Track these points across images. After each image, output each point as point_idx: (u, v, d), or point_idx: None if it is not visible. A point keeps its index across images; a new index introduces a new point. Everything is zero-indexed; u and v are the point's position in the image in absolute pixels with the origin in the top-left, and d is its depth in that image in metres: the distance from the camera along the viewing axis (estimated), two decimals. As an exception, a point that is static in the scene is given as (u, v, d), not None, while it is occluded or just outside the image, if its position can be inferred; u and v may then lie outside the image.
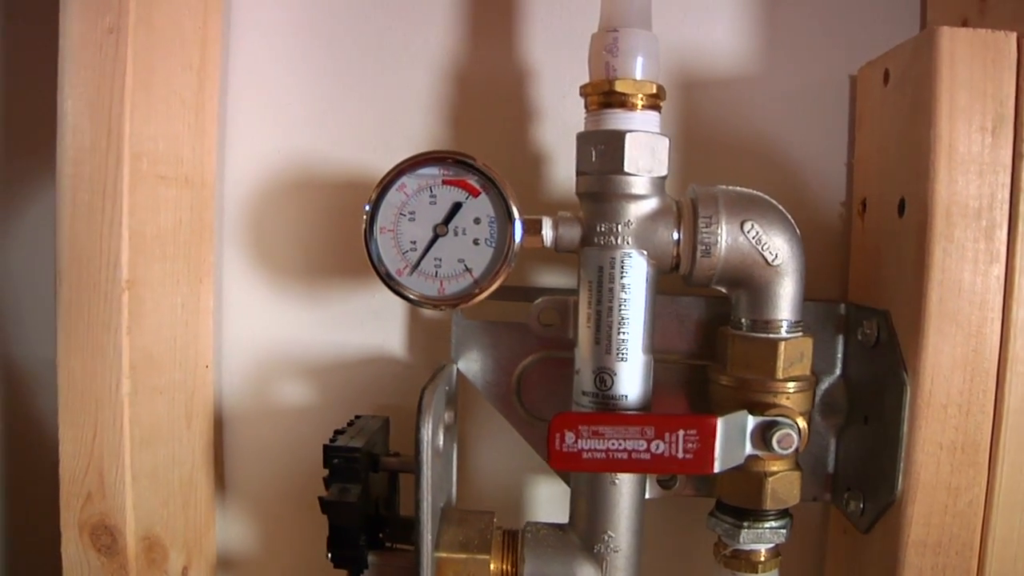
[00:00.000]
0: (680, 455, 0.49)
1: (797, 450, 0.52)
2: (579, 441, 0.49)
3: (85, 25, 0.55)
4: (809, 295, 0.55)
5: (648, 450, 0.49)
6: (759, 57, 0.65)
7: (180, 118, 0.62)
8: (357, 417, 0.62)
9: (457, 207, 0.53)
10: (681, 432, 0.49)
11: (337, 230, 0.67)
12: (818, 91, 0.65)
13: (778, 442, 0.51)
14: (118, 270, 0.56)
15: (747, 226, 0.52)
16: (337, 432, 0.58)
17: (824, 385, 0.60)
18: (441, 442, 0.55)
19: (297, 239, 0.68)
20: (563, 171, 0.65)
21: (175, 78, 0.61)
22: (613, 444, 0.49)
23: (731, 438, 0.51)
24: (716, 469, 0.50)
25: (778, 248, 0.53)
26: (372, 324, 0.68)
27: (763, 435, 0.52)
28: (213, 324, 0.69)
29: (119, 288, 0.56)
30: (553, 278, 0.66)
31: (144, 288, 0.58)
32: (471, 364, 0.62)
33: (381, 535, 0.59)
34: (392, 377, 0.68)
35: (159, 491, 0.62)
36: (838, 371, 0.61)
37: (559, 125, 0.65)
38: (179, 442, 0.65)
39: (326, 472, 0.55)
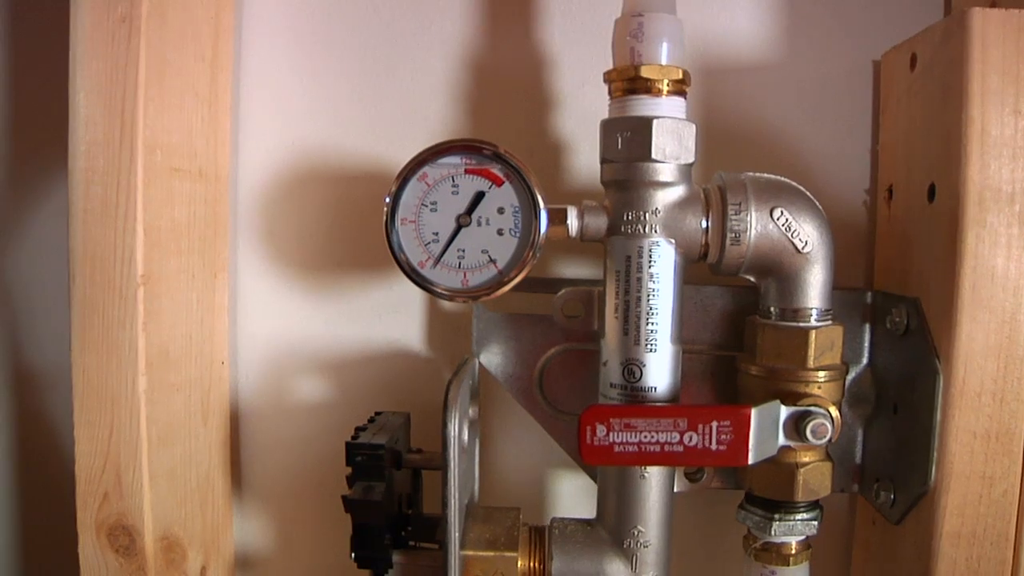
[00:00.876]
0: (714, 447, 0.48)
1: (831, 440, 0.51)
2: (611, 434, 0.48)
3: (97, 15, 0.54)
4: (833, 283, 0.54)
5: (681, 442, 0.48)
6: (781, 44, 0.64)
7: (194, 110, 0.61)
8: (378, 413, 0.61)
9: (480, 196, 0.52)
10: (715, 423, 0.48)
11: (353, 223, 0.66)
12: (841, 77, 0.64)
13: (812, 432, 0.50)
14: (133, 265, 0.55)
15: (776, 213, 0.51)
16: (359, 429, 0.57)
17: (851, 375, 0.59)
18: (466, 437, 0.54)
19: (312, 232, 0.67)
20: (583, 160, 0.64)
21: (188, 70, 0.60)
22: (646, 437, 0.48)
23: (764, 429, 0.50)
24: (750, 461, 0.49)
25: (808, 235, 0.52)
26: (390, 318, 0.67)
27: (796, 425, 0.51)
28: (228, 320, 0.68)
29: (134, 284, 0.55)
30: (575, 269, 0.65)
31: (159, 284, 0.57)
32: (493, 357, 0.61)
33: (404, 533, 0.58)
34: (411, 372, 0.67)
35: (177, 490, 0.61)
36: (865, 360, 0.60)
37: (579, 113, 0.64)
38: (196, 440, 0.64)
39: (349, 470, 0.54)
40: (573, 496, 0.67)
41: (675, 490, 0.56)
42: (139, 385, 0.56)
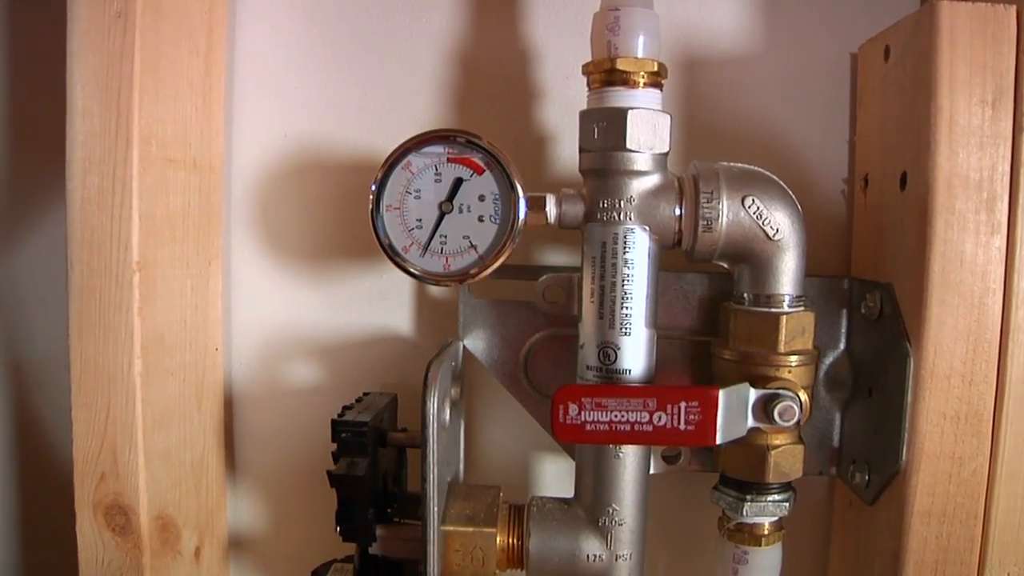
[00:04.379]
0: (682, 427, 0.50)
1: (799, 423, 0.52)
2: (582, 413, 0.50)
3: (93, 10, 0.56)
4: (813, 271, 0.56)
5: (650, 422, 0.50)
6: (760, 36, 0.65)
7: (188, 102, 0.63)
8: (365, 394, 0.63)
9: (459, 183, 0.53)
10: (683, 404, 0.50)
11: (344, 212, 0.68)
12: (819, 69, 0.65)
13: (780, 414, 0.52)
14: (129, 252, 0.57)
15: (748, 201, 0.53)
16: (345, 408, 0.58)
17: (828, 360, 0.61)
18: (447, 417, 0.55)
19: (304, 221, 0.69)
20: (567, 150, 0.65)
21: (182, 62, 0.61)
22: (616, 416, 0.50)
23: (733, 410, 0.51)
24: (718, 441, 0.50)
25: (779, 223, 0.53)
26: (380, 304, 0.68)
27: (765, 407, 0.52)
28: (222, 307, 0.70)
29: (130, 270, 0.57)
30: (558, 256, 0.66)
31: (154, 270, 0.59)
32: (478, 342, 0.62)
33: (389, 510, 0.59)
34: (400, 356, 0.69)
35: (171, 472, 0.63)
36: (842, 346, 0.61)
37: (563, 105, 0.65)
38: (191, 423, 0.65)
39: (335, 446, 0.55)
40: (556, 477, 0.69)
41: (652, 471, 0.58)
42: (135, 368, 0.58)
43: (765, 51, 0.65)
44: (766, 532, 0.56)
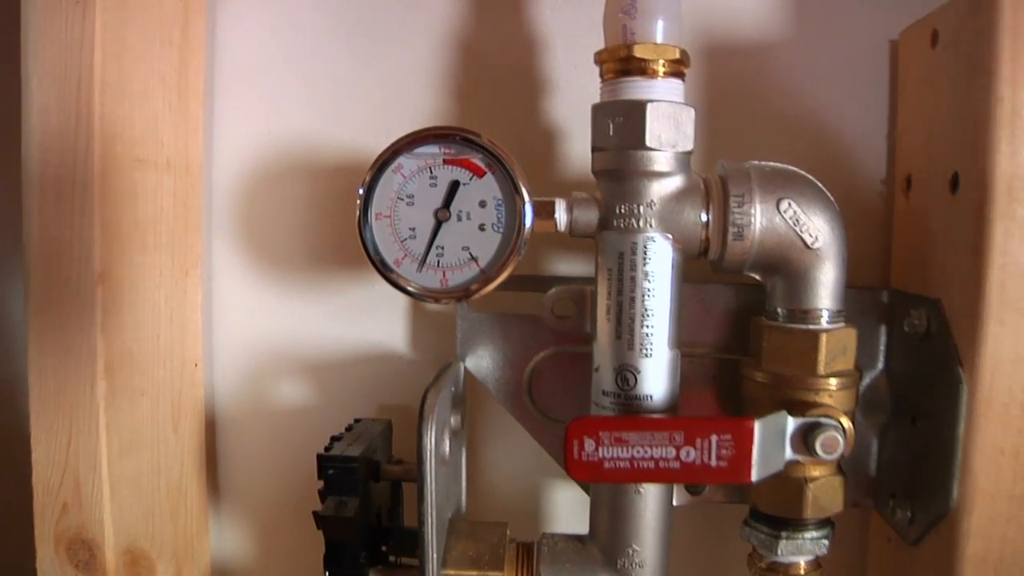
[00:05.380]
0: (713, 463, 0.44)
1: (842, 455, 0.46)
2: (600, 449, 0.44)
3: (50, -4, 0.50)
4: (846, 281, 0.50)
5: (677, 458, 0.44)
6: (790, 22, 0.59)
7: (160, 97, 0.57)
8: (357, 420, 0.57)
9: (455, 187, 0.47)
10: (714, 437, 0.44)
11: (334, 216, 0.62)
12: (854, 57, 0.59)
13: (822, 446, 0.46)
14: (90, 263, 0.51)
15: (783, 205, 0.47)
16: (334, 439, 0.53)
17: (865, 380, 0.55)
18: (447, 449, 0.50)
19: (292, 226, 0.63)
20: (578, 147, 0.59)
21: (152, 54, 0.56)
22: (638, 452, 0.44)
23: (769, 442, 0.45)
24: (753, 478, 0.45)
25: (818, 229, 0.47)
26: (373, 318, 0.63)
27: (804, 438, 0.47)
28: (203, 319, 0.64)
29: (91, 282, 0.51)
30: (569, 265, 0.61)
31: (121, 282, 0.54)
32: (479, 361, 0.57)
33: (384, 548, 0.54)
34: (395, 375, 0.63)
35: (143, 500, 0.58)
36: (880, 365, 0.55)
37: (573, 97, 0.59)
38: (165, 446, 0.60)
39: (321, 484, 0.50)
40: (567, 508, 0.63)
41: (674, 503, 0.52)
42: (98, 389, 0.53)
43: (794, 37, 0.59)
44: (802, 572, 0.51)
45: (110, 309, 0.53)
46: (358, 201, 0.48)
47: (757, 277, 0.50)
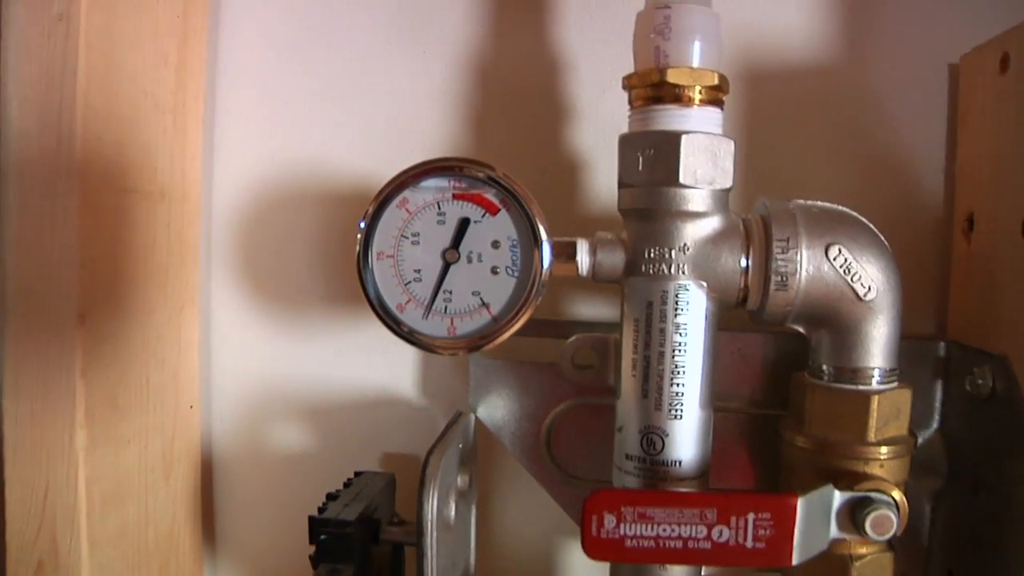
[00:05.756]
0: (749, 544, 0.39)
1: (895, 535, 0.41)
2: (621, 526, 0.39)
3: (32, 11, 0.47)
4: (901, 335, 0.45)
5: (709, 538, 0.39)
6: (837, 44, 0.54)
7: (152, 122, 0.53)
8: (357, 474, 0.53)
9: (465, 224, 0.43)
10: (751, 516, 0.39)
11: (340, 249, 0.58)
12: (908, 84, 0.54)
13: (873, 526, 0.40)
14: (68, 303, 0.47)
15: (833, 251, 0.42)
16: (329, 497, 0.48)
17: (918, 439, 0.49)
18: (452, 513, 0.45)
19: (296, 259, 0.59)
20: (603, 179, 0.55)
21: (145, 75, 0.52)
22: (664, 530, 0.39)
23: (813, 521, 0.40)
24: (794, 562, 0.39)
25: (871, 279, 0.42)
26: (380, 359, 0.58)
27: (852, 515, 0.41)
28: (200, 357, 0.60)
29: (70, 324, 0.47)
30: (592, 308, 0.56)
31: (105, 321, 0.50)
32: (492, 411, 0.52)
33: (384, 616, 0.49)
34: (401, 421, 0.59)
35: (128, 555, 0.53)
36: (935, 424, 0.50)
37: (598, 125, 0.55)
38: (154, 496, 0.56)
39: (313, 548, 0.45)
40: (586, 573, 0.58)
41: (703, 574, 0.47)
42: (77, 440, 0.48)
43: (842, 62, 0.54)
44: (846, 659, 0.45)
45: (92, 352, 0.49)
46: (358, 238, 0.43)
47: (800, 329, 0.45)
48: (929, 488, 0.50)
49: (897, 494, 0.42)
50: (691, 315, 0.42)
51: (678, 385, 0.43)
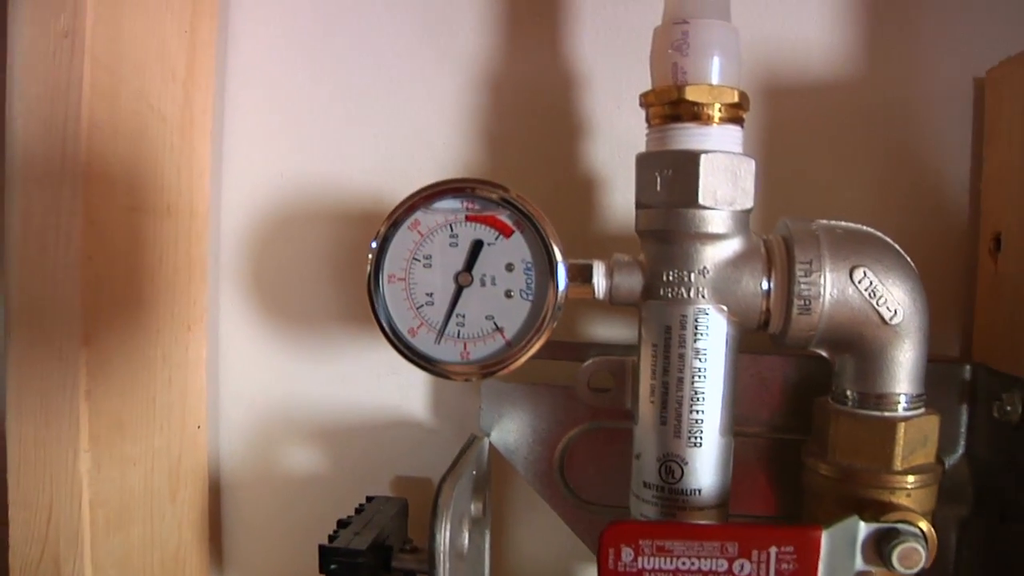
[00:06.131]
0: (772, 579, 0.37)
1: (923, 570, 0.39)
2: (639, 559, 0.37)
3: (37, 28, 0.46)
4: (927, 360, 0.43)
5: (729, 571, 0.37)
6: (857, 59, 0.53)
7: (159, 138, 0.52)
8: (369, 499, 0.51)
9: (479, 247, 0.42)
10: (773, 550, 0.37)
11: (350, 268, 0.57)
12: (931, 99, 0.52)
13: (900, 559, 0.39)
14: (72, 324, 0.46)
15: (858, 274, 0.41)
16: (340, 524, 0.47)
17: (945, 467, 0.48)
18: (465, 542, 0.44)
19: (306, 278, 0.58)
20: (619, 196, 0.54)
21: (152, 90, 0.51)
22: (684, 564, 0.37)
23: (838, 554, 0.39)
24: (819, 596, 0.38)
25: (898, 302, 0.41)
26: (391, 380, 0.57)
27: (878, 547, 0.40)
28: (208, 377, 0.59)
29: (74, 345, 0.46)
30: (608, 329, 0.55)
31: (110, 341, 0.49)
32: (505, 435, 0.51)
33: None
34: (413, 444, 0.57)
35: (134, 580, 0.52)
36: (960, 450, 0.49)
37: (613, 141, 0.54)
38: (160, 519, 0.55)
39: (322, 578, 0.44)
40: (602, 599, 0.57)
41: (724, 608, 0.45)
42: (80, 463, 0.47)
43: (863, 76, 0.53)
44: None
45: (97, 372, 0.48)
46: (369, 260, 0.42)
47: (824, 354, 0.44)
48: (955, 516, 0.49)
49: (925, 525, 0.40)
50: (711, 340, 0.41)
51: (698, 412, 0.41)
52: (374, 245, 0.42)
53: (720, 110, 0.41)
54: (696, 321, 0.41)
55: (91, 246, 0.46)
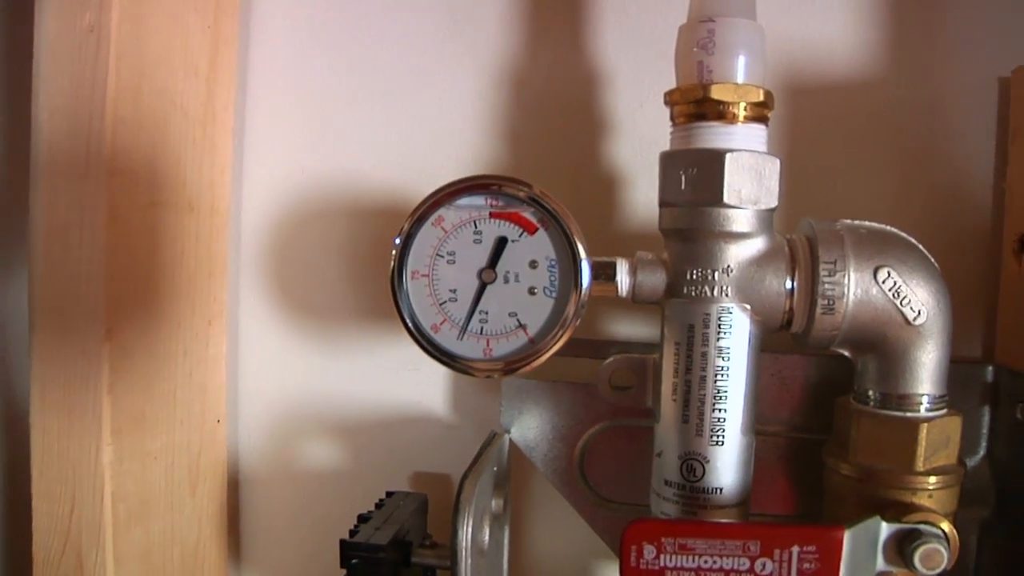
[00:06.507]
0: (794, 578, 0.37)
1: (944, 571, 0.39)
2: (661, 557, 0.37)
3: (62, 23, 0.46)
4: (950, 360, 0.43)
5: (751, 570, 0.37)
6: (881, 58, 0.52)
7: (182, 133, 0.52)
8: (389, 494, 0.52)
9: (503, 244, 0.42)
10: (795, 549, 0.37)
11: (370, 264, 0.57)
12: (955, 98, 0.52)
13: (922, 560, 0.39)
14: (95, 318, 0.46)
15: (882, 274, 0.40)
16: (361, 518, 0.47)
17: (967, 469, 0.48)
18: (486, 538, 0.44)
19: (326, 274, 0.58)
20: (641, 195, 0.53)
21: (175, 86, 0.51)
22: (706, 562, 0.37)
23: (859, 554, 0.39)
24: (841, 596, 0.38)
25: (922, 302, 0.41)
26: (411, 376, 0.57)
27: (900, 547, 0.40)
28: (227, 372, 0.59)
29: (97, 339, 0.46)
30: (630, 327, 0.55)
31: (132, 335, 0.49)
32: (526, 432, 0.51)
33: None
34: (433, 440, 0.58)
35: (154, 573, 0.53)
36: (982, 451, 0.49)
37: (636, 139, 0.53)
38: (180, 512, 0.55)
39: (344, 573, 0.44)
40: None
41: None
42: (103, 456, 0.48)
43: (887, 76, 0.52)
44: None
45: (119, 367, 0.48)
46: (392, 256, 0.42)
47: (846, 354, 0.44)
48: (975, 518, 0.48)
49: (947, 526, 0.40)
50: (734, 339, 0.41)
51: (720, 411, 0.41)
52: (398, 241, 0.42)
53: (745, 109, 0.41)
54: (719, 320, 0.41)
55: (114, 240, 0.47)
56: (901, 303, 0.41)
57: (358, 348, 0.58)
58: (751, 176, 0.41)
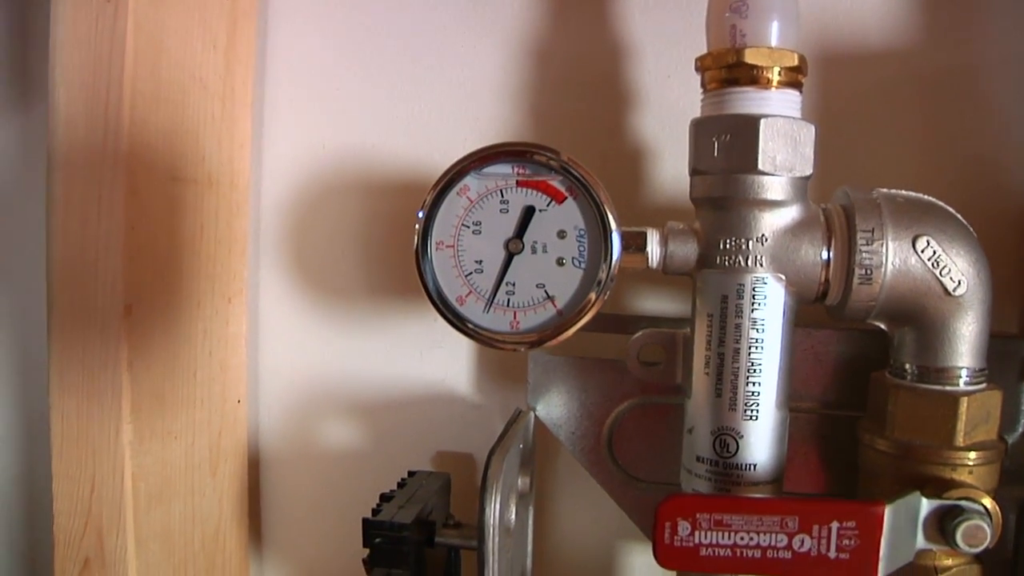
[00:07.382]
0: (832, 554, 0.36)
1: (987, 548, 0.38)
2: (696, 533, 0.36)
3: (80, -5, 0.45)
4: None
5: (789, 547, 0.36)
6: (920, 24, 0.51)
7: (201, 107, 0.51)
8: (411, 474, 0.51)
9: (530, 213, 0.40)
10: (835, 525, 0.36)
11: (394, 240, 0.56)
12: (996, 66, 0.50)
13: (964, 537, 0.38)
14: (115, 295, 0.45)
15: (920, 243, 0.39)
16: (383, 497, 0.46)
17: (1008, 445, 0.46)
18: (512, 516, 0.43)
19: (348, 251, 0.57)
20: (669, 168, 0.52)
21: (193, 59, 0.50)
22: (742, 538, 0.36)
23: (900, 531, 0.37)
24: (880, 574, 0.37)
25: (962, 272, 0.39)
26: (434, 354, 0.57)
27: (941, 524, 0.39)
28: (247, 351, 0.58)
29: (117, 316, 0.46)
30: (659, 302, 0.53)
31: (151, 313, 0.48)
32: (552, 409, 0.50)
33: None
34: (457, 419, 0.57)
35: (174, 554, 0.52)
36: (1021, 428, 0.47)
37: (663, 110, 0.52)
38: (200, 494, 0.54)
39: (367, 552, 0.43)
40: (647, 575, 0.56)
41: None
42: (123, 435, 0.47)
43: (924, 42, 0.51)
44: (928, 676, 0.42)
45: (139, 345, 0.47)
46: (416, 227, 0.41)
47: (882, 326, 0.42)
48: (1015, 496, 0.47)
49: (989, 502, 0.39)
50: (769, 310, 0.40)
51: (754, 384, 0.40)
52: (421, 213, 0.41)
53: (779, 73, 0.40)
54: (754, 290, 0.40)
55: (133, 216, 0.46)
56: (941, 273, 0.39)
57: (380, 325, 0.57)
58: (786, 142, 0.39)
